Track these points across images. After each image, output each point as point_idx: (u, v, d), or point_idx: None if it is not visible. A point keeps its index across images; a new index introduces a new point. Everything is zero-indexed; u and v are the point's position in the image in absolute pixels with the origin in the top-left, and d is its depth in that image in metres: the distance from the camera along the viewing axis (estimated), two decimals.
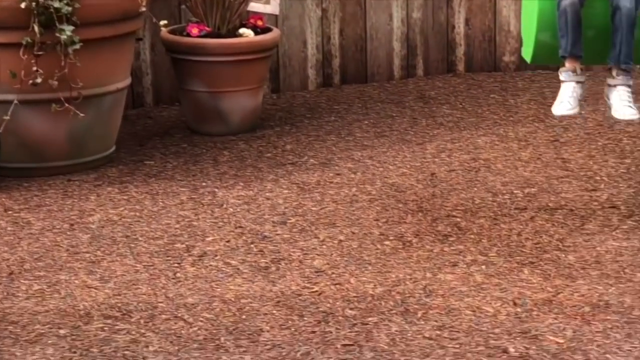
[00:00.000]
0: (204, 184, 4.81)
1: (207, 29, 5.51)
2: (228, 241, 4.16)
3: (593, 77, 6.50)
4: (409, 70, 6.71)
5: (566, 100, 4.23)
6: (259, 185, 4.78)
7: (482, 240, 4.12)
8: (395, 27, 6.61)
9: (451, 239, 4.14)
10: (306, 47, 6.41)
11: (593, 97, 6.11)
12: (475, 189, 4.70)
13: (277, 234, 4.22)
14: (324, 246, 4.10)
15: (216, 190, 4.73)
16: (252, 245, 4.12)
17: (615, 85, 4.22)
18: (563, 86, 4.26)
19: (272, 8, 5.88)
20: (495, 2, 6.72)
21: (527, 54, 4.42)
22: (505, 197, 4.59)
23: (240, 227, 4.31)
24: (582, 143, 5.30)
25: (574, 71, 4.22)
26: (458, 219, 4.34)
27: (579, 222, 4.28)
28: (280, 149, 5.32)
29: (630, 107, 4.18)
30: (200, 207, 4.52)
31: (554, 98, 6.10)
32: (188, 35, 5.51)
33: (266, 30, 5.65)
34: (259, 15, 5.71)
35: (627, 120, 4.28)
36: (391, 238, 4.16)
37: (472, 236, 4.16)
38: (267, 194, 4.67)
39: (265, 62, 5.66)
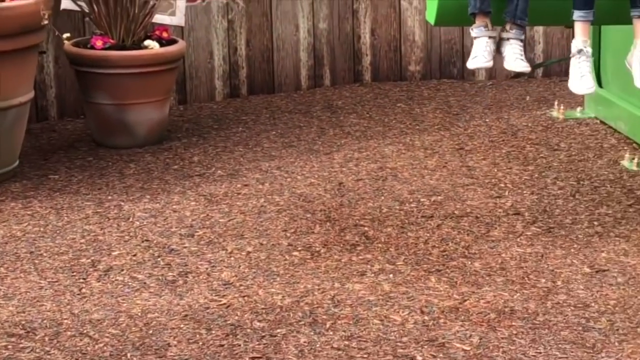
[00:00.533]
0: (109, 197, 4.76)
1: (111, 41, 5.46)
2: (134, 255, 4.12)
3: (496, 85, 6.61)
4: (316, 80, 6.73)
5: (480, 54, 4.25)
6: (166, 198, 4.74)
7: (390, 249, 4.14)
8: (301, 38, 6.63)
9: (359, 248, 4.16)
10: (213, 59, 6.39)
11: (497, 105, 6.20)
12: (383, 197, 4.73)
13: (185, 247, 4.20)
14: (232, 258, 4.08)
15: (122, 203, 4.68)
16: (159, 259, 4.08)
17: (508, 39, 4.25)
18: (476, 42, 4.27)
19: (178, 20, 5.85)
20: (400, 12, 6.78)
21: (430, 16, 4.39)
22: (412, 205, 4.63)
23: (147, 240, 4.27)
24: (486, 151, 5.36)
25: (486, 26, 4.24)
26: (366, 228, 4.37)
27: (484, 229, 4.33)
28: (188, 160, 5.29)
29: (522, 60, 4.23)
30: (106, 221, 4.48)
31: (459, 107, 6.20)
32: (92, 47, 5.45)
33: (172, 41, 5.62)
34: (164, 27, 5.68)
35: (518, 71, 4.30)
36: (299, 249, 4.16)
37: (380, 245, 4.19)
38: (174, 206, 4.64)
39: (172, 73, 5.62)
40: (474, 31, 4.26)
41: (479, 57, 4.25)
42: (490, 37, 4.24)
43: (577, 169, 5.05)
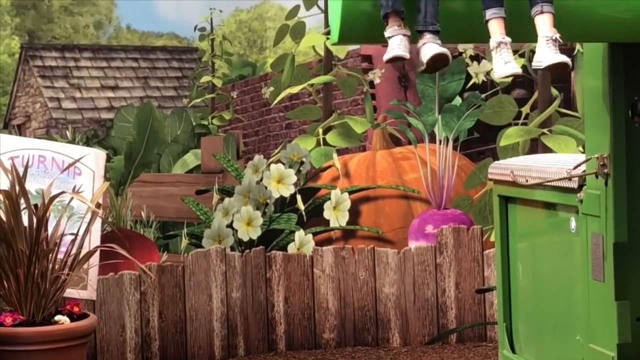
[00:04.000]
0: None
1: (21, 317, 5.38)
2: None
3: (411, 351, 6.59)
4: (230, 350, 6.67)
5: (396, 47, 4.07)
6: None
7: None
8: (215, 307, 6.61)
9: None
10: (125, 331, 6.31)
11: None
12: None
13: None
14: None
15: None
16: None
17: (425, 43, 4.13)
18: (391, 40, 4.09)
19: (89, 293, 5.81)
20: (312, 280, 6.84)
21: (334, 33, 4.17)
22: None
23: None
24: None
25: (399, 26, 4.09)
26: None
27: None
28: None
29: (440, 45, 4.09)
30: None
31: None
32: (1, 325, 5.36)
33: (82, 316, 5.55)
34: (75, 301, 5.63)
35: (432, 55, 4.08)
36: None
37: None
38: None
39: (82, 348, 5.52)
40: (388, 31, 4.10)
41: (395, 49, 4.06)
42: (405, 35, 4.09)
43: None
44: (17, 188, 5.48)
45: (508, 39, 4.15)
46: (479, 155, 8.24)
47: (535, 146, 7.82)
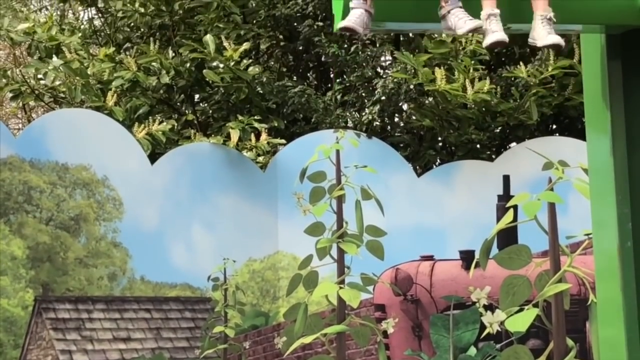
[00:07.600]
0: None
1: None
2: None
3: None
4: None
5: (353, 18, 4.17)
6: None
7: None
8: None
9: None
10: None
11: None
12: None
13: None
14: None
15: None
16: None
17: (449, 12, 4.22)
18: (352, 11, 4.21)
19: None
20: None
21: (337, 17, 4.29)
22: None
23: None
24: None
25: (365, 0, 4.18)
26: None
27: None
28: None
29: (470, 19, 4.18)
30: None
31: None
32: None
33: None
34: None
35: (471, 29, 4.18)
36: None
37: None
38: None
39: None
40: (353, 2, 4.22)
41: (351, 19, 4.18)
42: (366, 11, 4.19)
43: None
44: None
45: (497, 11, 4.30)
46: None
47: None
